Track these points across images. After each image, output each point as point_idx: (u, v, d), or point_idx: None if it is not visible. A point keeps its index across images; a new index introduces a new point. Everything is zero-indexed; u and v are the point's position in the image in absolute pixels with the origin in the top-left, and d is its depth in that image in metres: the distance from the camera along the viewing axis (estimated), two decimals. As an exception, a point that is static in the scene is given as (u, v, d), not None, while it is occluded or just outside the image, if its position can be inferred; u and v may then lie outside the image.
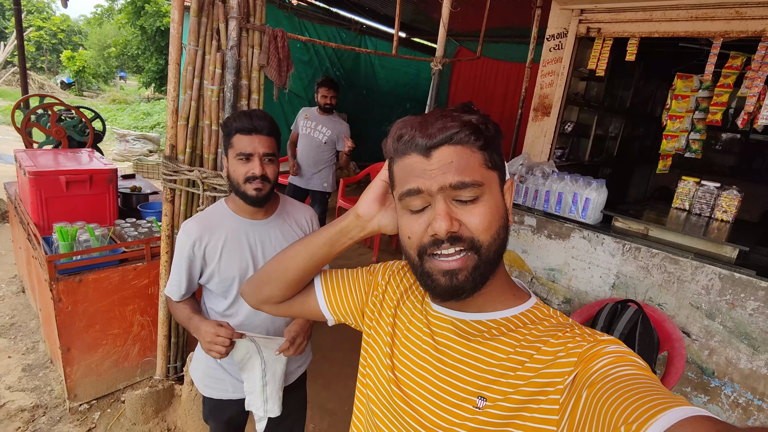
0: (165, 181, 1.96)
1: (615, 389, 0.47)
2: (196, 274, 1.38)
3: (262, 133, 1.30)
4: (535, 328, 0.64)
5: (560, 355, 0.58)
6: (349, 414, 2.22)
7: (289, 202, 1.51)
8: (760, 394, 2.06)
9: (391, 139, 0.66)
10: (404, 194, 0.63)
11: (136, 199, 2.93)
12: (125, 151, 8.25)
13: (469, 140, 0.61)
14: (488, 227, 0.61)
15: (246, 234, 1.38)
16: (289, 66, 2.00)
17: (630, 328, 2.08)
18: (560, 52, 3.50)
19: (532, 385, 0.58)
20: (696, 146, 3.41)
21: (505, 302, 0.67)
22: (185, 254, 1.34)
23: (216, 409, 1.52)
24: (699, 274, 2.17)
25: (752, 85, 2.85)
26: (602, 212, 2.60)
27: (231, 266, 1.36)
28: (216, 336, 1.23)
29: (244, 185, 1.30)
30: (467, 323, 0.67)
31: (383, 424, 0.72)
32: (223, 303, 1.41)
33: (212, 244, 1.35)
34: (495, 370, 0.62)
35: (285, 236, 1.44)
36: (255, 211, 1.40)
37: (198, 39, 1.83)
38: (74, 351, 2.15)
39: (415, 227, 0.63)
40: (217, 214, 1.40)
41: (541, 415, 0.56)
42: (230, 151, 1.32)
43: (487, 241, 0.61)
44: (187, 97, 1.89)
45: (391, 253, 4.80)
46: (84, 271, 2.10)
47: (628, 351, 0.55)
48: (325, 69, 6.39)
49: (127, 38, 13.39)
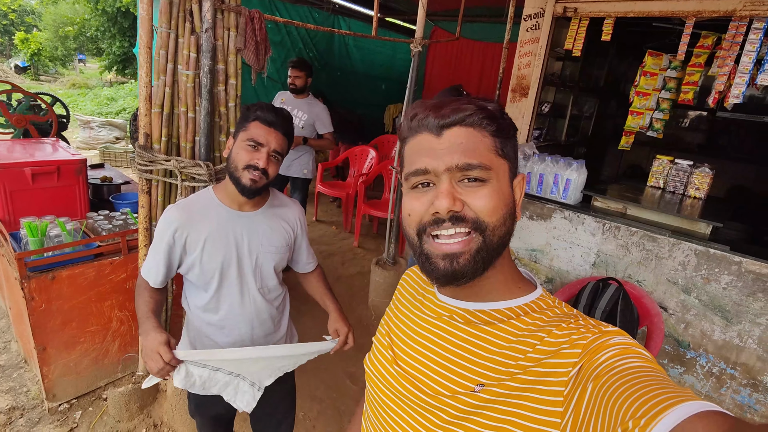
0: (140, 171, 1.87)
1: (621, 382, 0.47)
2: (174, 261, 1.32)
3: (280, 130, 1.28)
4: (539, 318, 0.63)
5: (564, 346, 0.57)
6: (337, 401, 2.24)
7: (278, 196, 1.47)
8: (733, 363, 2.16)
9: (405, 120, 0.66)
10: (411, 174, 0.63)
11: (107, 190, 2.81)
12: (90, 138, 7.90)
13: (481, 123, 0.61)
14: (494, 210, 0.61)
15: (232, 225, 1.33)
16: (267, 49, 1.93)
17: (612, 306, 2.13)
18: (537, 32, 3.49)
19: (532, 374, 0.57)
20: (658, 125, 3.49)
21: (510, 292, 0.67)
22: (165, 240, 1.29)
23: (202, 405, 1.49)
24: (676, 251, 2.24)
25: (723, 65, 2.91)
26: (582, 192, 2.64)
27: (214, 258, 1.31)
28: (156, 354, 1.11)
29: (242, 171, 1.26)
30: (470, 312, 0.67)
31: (387, 407, 0.72)
32: (204, 296, 1.36)
33: (195, 233, 1.30)
34: (495, 358, 0.61)
35: (273, 230, 1.40)
36: (243, 202, 1.35)
37: (170, 21, 1.73)
38: (50, 350, 2.07)
39: (416, 205, 0.63)
40: (203, 203, 1.35)
41: (543, 406, 0.55)
42: (242, 133, 1.28)
43: (493, 224, 0.61)
44: (161, 83, 1.80)
45: (373, 237, 4.79)
46: (57, 268, 2.01)
47: (634, 342, 0.54)
48: (298, 50, 6.23)
49: (84, 18, 12.69)
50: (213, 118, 1.89)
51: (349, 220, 4.89)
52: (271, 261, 1.40)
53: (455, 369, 0.64)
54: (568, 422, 0.52)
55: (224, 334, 1.39)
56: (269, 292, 1.44)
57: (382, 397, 0.73)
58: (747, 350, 2.11)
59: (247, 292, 1.38)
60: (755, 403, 2.13)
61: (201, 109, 1.84)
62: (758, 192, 4.68)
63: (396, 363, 0.72)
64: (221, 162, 1.98)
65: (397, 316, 0.79)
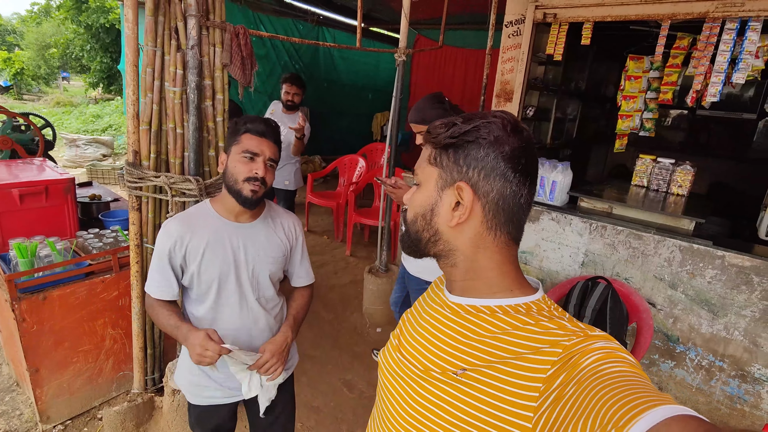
0: (130, 188, 1.88)
1: (602, 387, 0.48)
2: (177, 274, 1.35)
3: (271, 139, 1.32)
4: (527, 317, 0.65)
5: (544, 346, 0.59)
6: (334, 410, 2.23)
7: (274, 208, 1.50)
8: (721, 356, 2.21)
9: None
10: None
11: (96, 208, 2.80)
12: (76, 156, 7.84)
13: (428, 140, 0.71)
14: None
15: (229, 236, 1.36)
16: (253, 63, 1.95)
17: (601, 304, 2.17)
18: (519, 38, 3.56)
19: (509, 365, 0.60)
20: (649, 125, 3.56)
21: (505, 293, 0.70)
22: (165, 254, 1.32)
23: (203, 416, 1.49)
24: (661, 248, 2.29)
25: (699, 65, 2.99)
26: (568, 194, 2.69)
27: (212, 268, 1.34)
28: (205, 350, 1.20)
29: (242, 183, 1.29)
30: (461, 306, 0.71)
31: (387, 391, 0.77)
32: (202, 306, 1.38)
33: (194, 244, 1.32)
34: (478, 346, 0.64)
35: (269, 240, 1.42)
36: (240, 213, 1.37)
37: (156, 39, 1.76)
38: (43, 371, 2.05)
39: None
40: (201, 215, 1.37)
41: (516, 399, 0.57)
42: (235, 147, 1.31)
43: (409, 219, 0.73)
44: (148, 101, 1.81)
45: (364, 245, 4.81)
46: (48, 288, 2.00)
47: (618, 347, 0.56)
48: (283, 63, 6.26)
49: (68, 37, 12.63)
50: (201, 133, 1.91)
51: (340, 230, 4.90)
52: (267, 271, 1.42)
53: (441, 354, 0.68)
54: (540, 419, 0.53)
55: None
56: (267, 302, 1.45)
57: (384, 381, 0.78)
58: (734, 342, 2.16)
59: (244, 302, 1.40)
60: (744, 393, 2.17)
61: (189, 124, 1.85)
62: (736, 187, 4.79)
63: (398, 350, 0.78)
64: (211, 176, 2.00)
65: (412, 314, 0.84)
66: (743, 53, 2.79)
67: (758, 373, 2.12)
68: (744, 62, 2.79)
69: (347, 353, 2.95)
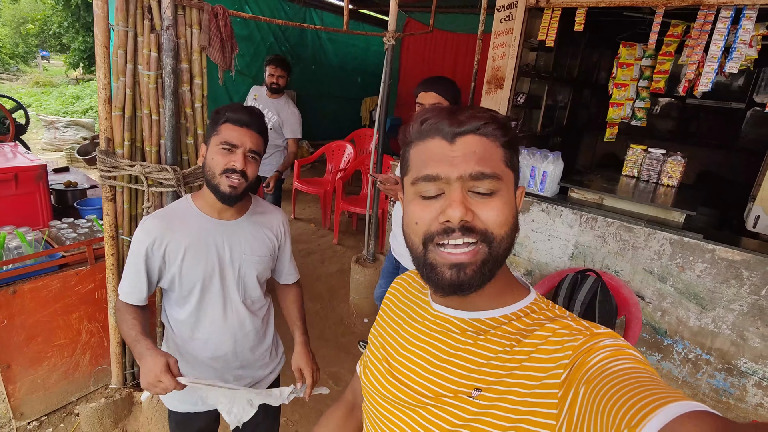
0: (103, 177, 1.78)
1: (612, 384, 0.47)
2: (154, 276, 1.26)
3: (254, 129, 1.22)
4: (532, 321, 0.64)
5: (556, 348, 0.58)
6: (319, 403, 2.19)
7: (260, 203, 1.41)
8: (708, 349, 2.21)
9: (415, 124, 0.64)
10: (420, 179, 0.61)
11: (72, 196, 2.69)
12: (55, 139, 7.59)
13: (495, 134, 0.61)
14: (504, 222, 0.60)
15: (213, 235, 1.27)
16: (233, 46, 1.85)
17: (590, 297, 2.15)
18: (511, 23, 3.47)
19: (525, 378, 0.58)
20: (641, 114, 3.53)
21: (504, 300, 0.67)
22: (142, 253, 1.22)
23: (182, 423, 1.43)
24: (651, 241, 2.26)
25: (692, 53, 2.94)
26: (559, 184, 2.65)
27: (194, 270, 1.25)
28: (158, 381, 1.05)
29: (219, 177, 1.19)
30: (466, 321, 0.67)
31: (385, 419, 0.72)
32: (184, 310, 1.30)
33: (174, 244, 1.23)
34: (492, 363, 0.62)
35: (255, 238, 1.34)
36: (224, 210, 1.28)
37: (127, 18, 1.64)
38: (15, 367, 1.97)
39: (424, 214, 0.61)
40: (182, 212, 1.28)
41: (538, 409, 0.55)
42: (214, 138, 1.21)
43: (500, 236, 0.60)
44: (121, 84, 1.71)
45: (352, 234, 4.75)
46: (18, 281, 1.90)
47: (625, 344, 0.55)
48: (269, 44, 6.08)
49: (46, 13, 12.16)
50: (178, 120, 1.81)
51: (327, 217, 4.83)
52: (254, 271, 1.34)
53: (452, 378, 0.64)
54: (563, 425, 0.52)
55: (206, 348, 1.33)
56: (253, 304, 1.38)
57: (380, 410, 0.73)
58: (721, 336, 2.15)
59: (230, 305, 1.32)
60: (730, 386, 2.18)
61: (165, 111, 1.75)
62: (725, 177, 4.81)
63: (392, 375, 0.72)
64: (189, 166, 1.91)
65: (391, 327, 0.78)
66: (737, 42, 2.74)
67: (744, 366, 2.12)
68: (738, 51, 2.75)
69: (333, 345, 2.91)
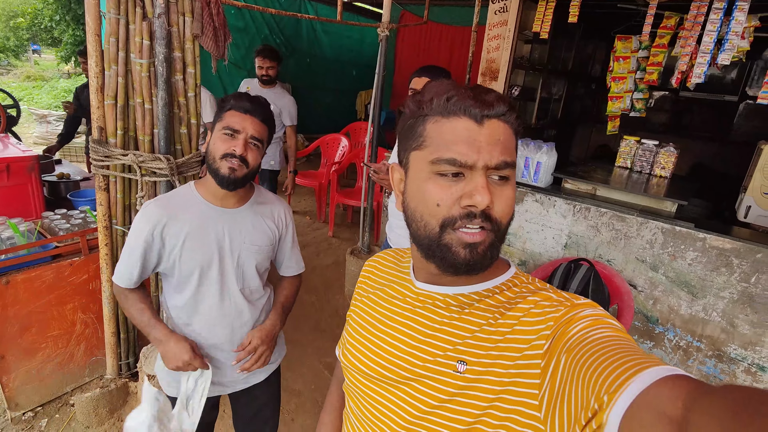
0: (96, 167, 1.78)
1: (592, 353, 0.48)
2: (152, 261, 1.26)
3: (257, 116, 1.23)
4: (514, 295, 0.65)
5: (537, 319, 0.58)
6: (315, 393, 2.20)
7: (263, 193, 1.41)
8: (699, 336, 2.24)
9: (438, 98, 0.61)
10: (443, 161, 0.59)
11: (65, 188, 2.67)
12: (47, 133, 7.53)
13: (514, 123, 0.62)
14: (509, 211, 0.62)
15: (214, 222, 1.27)
16: (226, 35, 1.84)
17: (583, 286, 2.17)
18: (505, 15, 3.47)
19: (509, 350, 0.59)
20: (639, 105, 3.54)
21: (486, 274, 0.68)
22: (142, 238, 1.22)
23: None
24: (644, 230, 2.28)
25: (685, 45, 2.96)
26: (552, 175, 2.66)
27: (193, 256, 1.25)
28: (187, 365, 1.21)
29: (219, 161, 1.21)
30: (451, 296, 0.68)
31: (369, 397, 0.72)
32: (181, 297, 1.30)
33: (175, 229, 1.24)
34: (477, 335, 0.62)
35: (256, 228, 1.34)
36: (226, 198, 1.29)
37: (119, 6, 1.63)
38: (9, 358, 1.97)
39: (445, 196, 0.60)
40: (184, 198, 1.29)
41: (522, 379, 0.56)
42: (218, 124, 1.23)
43: (504, 225, 0.62)
44: (113, 73, 1.70)
45: (347, 226, 4.75)
46: (11, 272, 1.90)
47: (604, 314, 0.56)
48: (263, 36, 6.04)
49: (36, 7, 11.99)
50: (171, 109, 1.80)
51: (322, 210, 4.83)
52: (253, 260, 1.34)
53: (437, 352, 0.64)
54: (545, 394, 0.53)
55: (203, 337, 1.33)
56: (252, 293, 1.38)
57: (363, 389, 0.73)
58: (712, 323, 2.18)
59: (227, 294, 1.32)
60: (720, 372, 2.21)
61: (158, 99, 1.74)
62: (717, 169, 4.84)
63: (374, 353, 0.72)
64: (183, 155, 1.90)
65: (370, 306, 0.78)
66: (729, 33, 2.76)
67: (734, 353, 2.15)
68: (730, 43, 2.77)
69: (328, 336, 2.92)
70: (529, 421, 0.55)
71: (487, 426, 0.58)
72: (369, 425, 0.71)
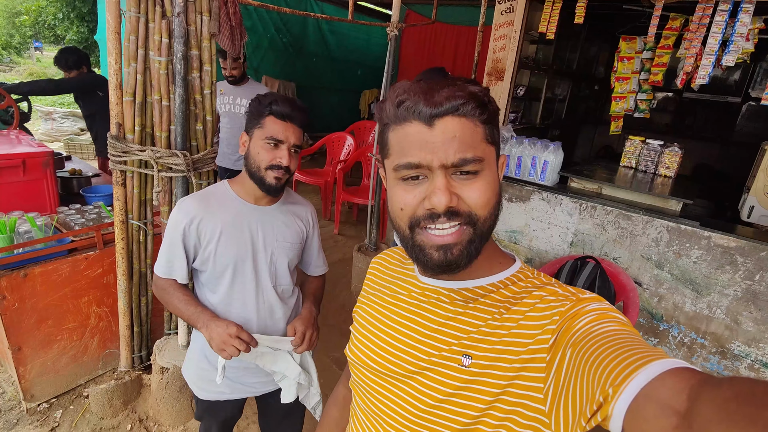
0: (114, 162, 1.81)
1: (597, 346, 0.48)
2: (190, 254, 1.30)
3: (297, 123, 1.25)
4: (519, 289, 0.65)
5: (542, 313, 0.59)
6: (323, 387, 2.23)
7: (291, 194, 1.46)
8: (703, 333, 2.27)
9: (391, 105, 0.61)
10: (401, 166, 0.60)
11: (77, 184, 2.71)
12: (52, 130, 7.56)
13: (474, 113, 0.59)
14: (486, 203, 0.60)
15: (248, 219, 1.31)
16: (242, 33, 1.88)
17: (590, 283, 2.20)
18: (511, 15, 3.50)
19: (514, 345, 0.59)
20: (644, 106, 3.57)
21: (491, 269, 0.68)
22: (180, 231, 1.26)
23: (210, 409, 1.47)
24: (649, 228, 2.32)
25: (690, 46, 2.99)
26: (559, 174, 2.70)
27: (228, 251, 1.29)
28: (232, 343, 1.17)
29: (265, 171, 1.24)
30: (455, 291, 0.68)
31: (375, 392, 0.72)
32: (214, 295, 1.33)
33: (210, 224, 1.27)
34: (482, 330, 0.62)
35: (287, 225, 1.38)
36: (261, 197, 1.33)
37: (139, 5, 1.66)
38: (26, 350, 2.00)
39: (408, 199, 0.61)
40: (220, 194, 1.33)
41: (528, 373, 0.57)
42: (258, 131, 1.25)
43: (484, 216, 0.61)
44: (132, 71, 1.73)
45: (353, 224, 4.78)
46: (28, 265, 1.93)
47: (609, 307, 0.56)
48: (270, 36, 6.07)
49: (40, 4, 12.02)
50: (188, 106, 1.84)
51: (328, 208, 4.86)
52: (285, 257, 1.38)
53: (442, 346, 0.64)
54: (550, 387, 0.53)
55: None
56: (283, 292, 1.41)
57: (370, 383, 0.73)
58: (716, 320, 2.21)
59: (261, 290, 1.35)
60: (723, 369, 2.24)
61: (175, 96, 1.78)
62: (720, 170, 4.88)
63: (381, 347, 0.72)
64: (198, 151, 1.93)
65: (375, 302, 0.78)
66: (734, 35, 2.79)
67: (738, 350, 2.18)
68: (735, 44, 2.80)
69: (336, 331, 2.96)
70: (534, 414, 0.55)
71: (493, 419, 0.59)
72: (375, 420, 0.71)
